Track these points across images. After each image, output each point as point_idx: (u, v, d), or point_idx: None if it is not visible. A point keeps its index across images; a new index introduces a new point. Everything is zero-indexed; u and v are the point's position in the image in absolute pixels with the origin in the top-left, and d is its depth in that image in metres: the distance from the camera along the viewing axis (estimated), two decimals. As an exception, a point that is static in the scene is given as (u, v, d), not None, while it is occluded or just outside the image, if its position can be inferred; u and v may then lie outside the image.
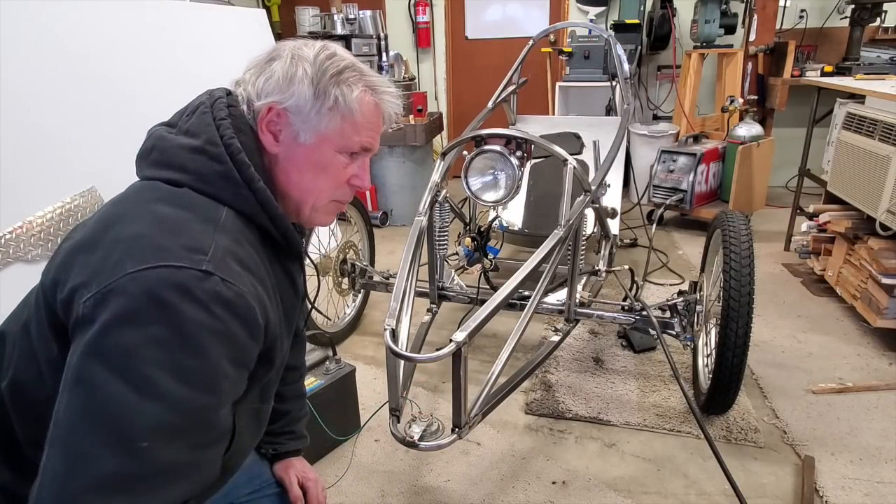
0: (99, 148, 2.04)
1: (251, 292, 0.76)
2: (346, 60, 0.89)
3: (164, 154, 0.84)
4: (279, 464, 1.19)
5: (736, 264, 1.76)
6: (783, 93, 3.92)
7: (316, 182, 0.89)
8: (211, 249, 0.74)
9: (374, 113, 0.91)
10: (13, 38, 1.87)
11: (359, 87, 0.88)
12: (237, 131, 0.84)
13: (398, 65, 4.54)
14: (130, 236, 0.73)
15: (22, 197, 1.82)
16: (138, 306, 0.67)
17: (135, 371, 0.66)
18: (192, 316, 0.68)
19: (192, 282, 0.69)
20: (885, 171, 2.37)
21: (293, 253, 0.95)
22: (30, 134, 1.87)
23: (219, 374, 0.72)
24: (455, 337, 1.26)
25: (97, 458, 0.65)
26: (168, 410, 0.68)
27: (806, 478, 1.72)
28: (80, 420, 0.66)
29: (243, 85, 0.88)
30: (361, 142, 0.90)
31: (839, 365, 2.33)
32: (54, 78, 1.97)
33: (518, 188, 1.77)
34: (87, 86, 2.07)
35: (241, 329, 0.74)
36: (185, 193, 0.81)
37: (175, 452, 0.69)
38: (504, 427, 2.01)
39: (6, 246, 1.75)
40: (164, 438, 0.68)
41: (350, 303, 2.68)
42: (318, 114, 0.85)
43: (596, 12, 4.94)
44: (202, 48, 2.63)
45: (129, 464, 0.66)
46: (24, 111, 1.86)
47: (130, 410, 0.66)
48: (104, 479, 0.65)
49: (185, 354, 0.69)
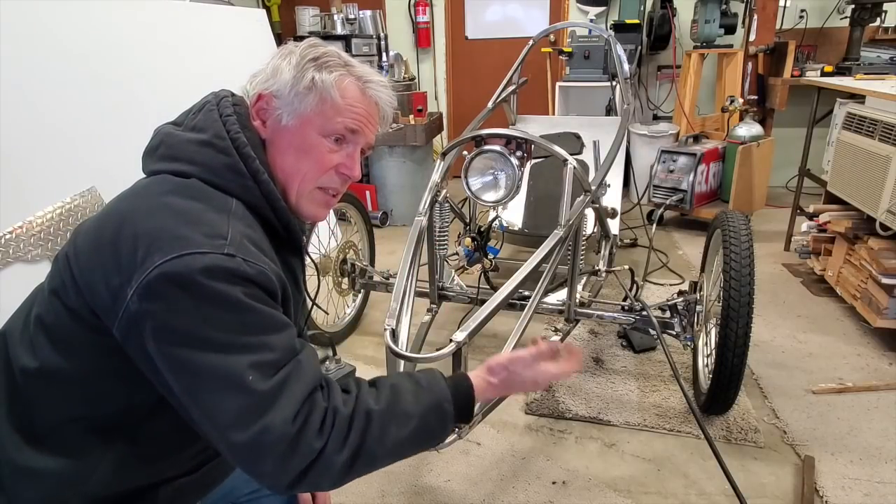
0: (99, 148, 2.04)
1: (271, 268, 0.81)
2: (329, 50, 0.92)
3: (171, 149, 0.87)
4: None
5: (736, 264, 1.76)
6: (783, 93, 3.92)
7: (298, 164, 0.91)
8: (230, 234, 0.78)
9: (359, 98, 0.92)
10: (13, 38, 1.87)
11: (339, 71, 0.90)
12: (242, 127, 0.88)
13: (398, 65, 4.54)
14: (152, 230, 0.76)
15: (22, 197, 1.82)
16: (178, 293, 0.73)
17: (209, 341, 0.74)
18: (224, 290, 0.74)
19: (219, 263, 0.74)
20: (885, 171, 2.37)
21: (294, 246, 0.96)
22: (30, 134, 1.87)
23: (269, 314, 0.79)
24: (455, 337, 1.26)
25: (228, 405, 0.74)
26: (253, 354, 0.76)
27: (806, 478, 1.72)
28: (199, 390, 0.75)
29: (243, 92, 0.94)
30: (345, 123, 0.91)
31: (839, 365, 2.33)
32: (55, 78, 1.97)
33: (518, 188, 1.77)
34: (87, 86, 2.07)
35: (268, 298, 0.80)
36: (194, 184, 0.84)
37: (277, 372, 0.77)
38: (504, 427, 2.01)
39: (6, 246, 1.75)
40: (261, 369, 0.76)
41: (350, 303, 2.68)
42: (297, 95, 0.88)
43: (596, 12, 4.94)
44: (202, 48, 2.63)
45: (250, 395, 0.75)
46: (24, 111, 1.86)
47: (226, 366, 0.74)
48: (241, 413, 0.74)
49: (235, 315, 0.75)
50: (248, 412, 0.74)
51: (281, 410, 0.75)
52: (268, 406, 0.75)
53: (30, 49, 1.92)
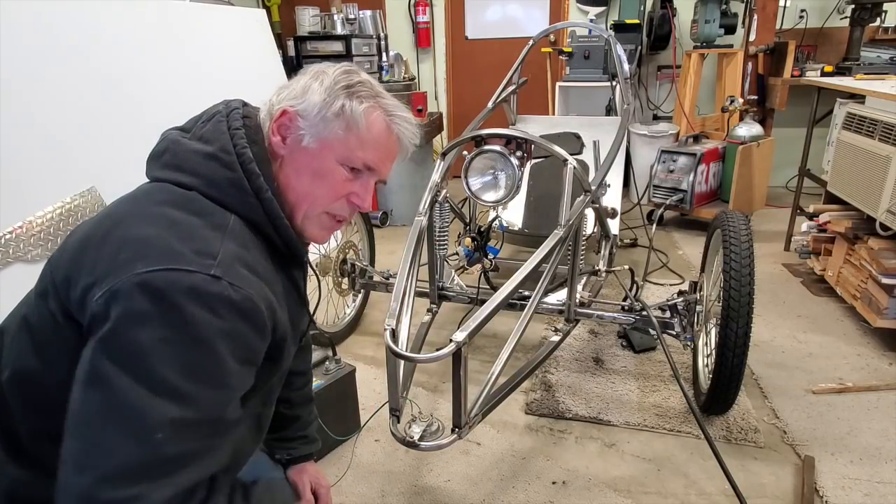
0: (99, 148, 2.04)
1: (259, 294, 0.78)
2: (363, 79, 0.91)
3: (176, 157, 0.86)
4: (293, 469, 1.21)
5: (736, 264, 1.76)
6: (783, 93, 3.92)
7: (312, 188, 0.90)
8: (220, 255, 0.76)
9: (384, 134, 0.92)
10: (13, 38, 1.87)
11: (369, 102, 0.89)
12: (250, 142, 0.86)
13: (398, 65, 4.53)
14: (141, 237, 0.75)
15: (22, 197, 1.82)
16: (150, 307, 0.70)
17: (148, 370, 0.69)
18: (201, 318, 0.71)
19: (202, 285, 0.72)
20: (885, 171, 2.37)
21: (297, 262, 0.96)
22: (30, 134, 1.87)
23: (227, 371, 0.75)
24: (455, 337, 1.26)
25: (117, 450, 0.68)
26: (181, 406, 0.71)
27: (806, 478, 1.72)
28: (99, 416, 0.69)
29: (269, 103, 0.92)
30: (365, 159, 0.90)
31: (839, 365, 2.33)
32: (55, 78, 1.97)
33: (518, 188, 1.77)
34: (87, 86, 2.07)
35: (249, 329, 0.77)
36: (194, 197, 0.82)
37: (188, 443, 0.72)
38: (504, 427, 2.01)
39: (6, 246, 1.75)
40: (177, 431, 0.71)
41: (350, 303, 2.68)
42: (324, 119, 0.87)
43: (596, 12, 4.94)
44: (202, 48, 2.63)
45: (147, 454, 0.69)
46: (24, 111, 1.86)
47: (146, 407, 0.69)
48: (125, 467, 0.68)
49: (194, 354, 0.72)
50: (135, 470, 0.68)
51: (163, 488, 0.69)
52: (157, 475, 0.69)
53: (30, 49, 1.92)
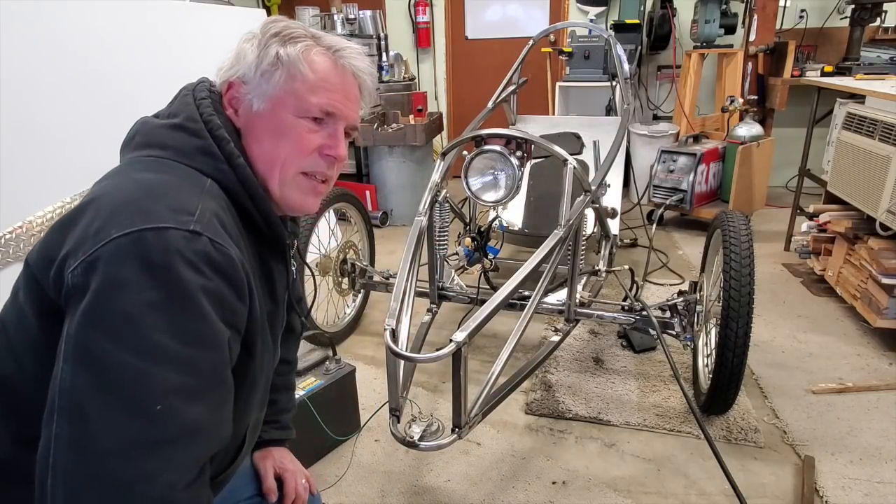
0: (99, 148, 2.03)
1: (237, 254, 0.75)
2: (292, 23, 0.86)
3: (145, 136, 0.83)
4: (258, 452, 1.14)
5: (736, 264, 1.76)
6: (783, 93, 3.92)
7: (276, 149, 0.84)
8: (198, 210, 0.72)
9: (332, 72, 0.85)
10: (13, 37, 1.87)
11: (305, 41, 0.84)
12: (216, 111, 0.84)
13: (398, 65, 4.54)
14: (114, 203, 0.71)
15: (22, 197, 1.82)
16: (129, 271, 0.65)
17: (138, 338, 0.65)
18: (185, 277, 0.67)
19: (181, 243, 0.68)
20: (885, 171, 2.37)
21: (276, 245, 0.90)
22: (30, 134, 1.87)
23: (218, 331, 0.72)
24: (455, 337, 1.26)
25: (116, 425, 0.64)
26: (178, 372, 0.67)
27: (806, 478, 1.72)
28: (92, 391, 0.64)
29: (217, 79, 0.89)
30: (320, 103, 0.84)
31: (839, 365, 2.33)
32: (54, 78, 1.97)
33: (518, 188, 1.77)
34: (87, 86, 2.07)
35: (230, 290, 0.73)
36: (168, 162, 0.79)
37: (190, 412, 0.68)
38: (504, 427, 2.01)
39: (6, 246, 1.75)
40: (178, 400, 0.67)
41: (350, 303, 2.68)
42: (263, 75, 0.82)
43: (596, 12, 4.94)
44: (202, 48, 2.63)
45: (149, 428, 0.65)
46: (24, 111, 1.86)
47: (141, 377, 0.65)
48: (126, 443, 0.64)
49: (185, 317, 0.68)
50: (138, 446, 0.65)
51: (169, 465, 0.66)
52: (161, 451, 0.66)
53: (30, 49, 1.92)
